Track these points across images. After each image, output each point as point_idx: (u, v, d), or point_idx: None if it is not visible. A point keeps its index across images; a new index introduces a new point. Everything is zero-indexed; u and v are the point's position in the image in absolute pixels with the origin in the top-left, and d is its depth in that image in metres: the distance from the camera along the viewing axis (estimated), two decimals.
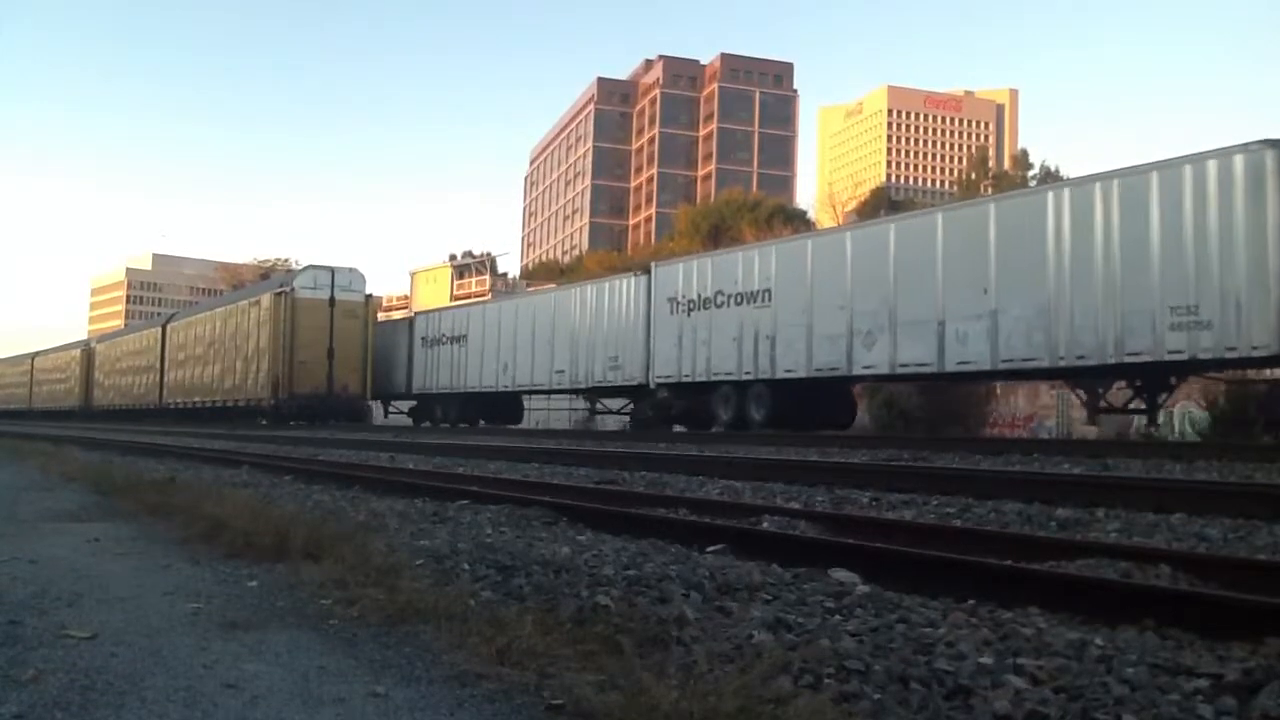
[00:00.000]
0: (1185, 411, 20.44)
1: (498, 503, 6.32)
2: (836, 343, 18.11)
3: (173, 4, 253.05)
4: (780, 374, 19.25)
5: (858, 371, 18.02)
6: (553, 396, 30.54)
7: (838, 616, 3.09)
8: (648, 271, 23.60)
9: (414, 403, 33.61)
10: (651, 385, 22.73)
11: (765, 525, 5.25)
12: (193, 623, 3.26)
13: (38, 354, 59.53)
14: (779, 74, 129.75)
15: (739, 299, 20.37)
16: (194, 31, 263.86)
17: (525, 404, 31.77)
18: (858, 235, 18.60)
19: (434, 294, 70.68)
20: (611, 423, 27.52)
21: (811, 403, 19.54)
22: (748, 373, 19.94)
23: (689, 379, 21.51)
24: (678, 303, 21.94)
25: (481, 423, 30.29)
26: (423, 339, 32.23)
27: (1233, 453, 10.02)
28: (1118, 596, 3.16)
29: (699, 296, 21.49)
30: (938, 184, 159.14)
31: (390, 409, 35.37)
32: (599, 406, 27.41)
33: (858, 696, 2.30)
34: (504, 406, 30.54)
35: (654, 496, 6.84)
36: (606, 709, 2.20)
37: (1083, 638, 2.71)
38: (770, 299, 19.65)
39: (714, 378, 20.79)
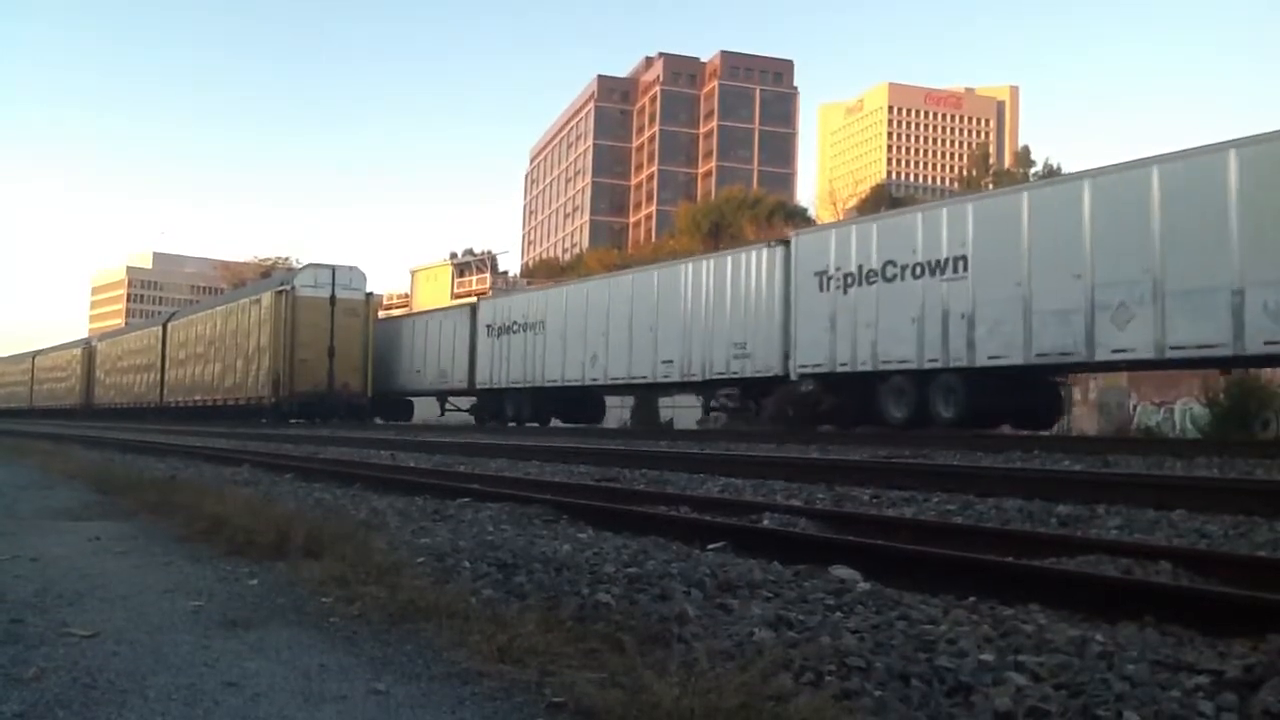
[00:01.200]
0: (1186, 408, 20.45)
1: (499, 501, 6.33)
2: (1069, 321, 14.29)
3: (173, 4, 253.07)
4: (982, 361, 15.48)
5: (1105, 357, 14.21)
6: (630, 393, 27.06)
7: (839, 614, 3.09)
8: (785, 242, 19.77)
9: (475, 399, 30.48)
10: (793, 376, 18.76)
11: (766, 523, 5.26)
12: (194, 620, 3.26)
13: (39, 353, 59.57)
14: (779, 71, 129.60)
15: (919, 270, 16.45)
16: (195, 31, 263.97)
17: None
18: (1100, 184, 14.35)
19: (434, 292, 70.67)
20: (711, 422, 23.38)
21: (1013, 395, 16.09)
22: (932, 360, 16.15)
23: (845, 368, 17.64)
24: (829, 277, 18.01)
25: (555, 422, 27.20)
26: (488, 327, 28.58)
27: (1233, 449, 10.02)
28: (1118, 593, 3.17)
29: (859, 269, 17.48)
30: (939, 181, 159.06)
31: (447, 406, 32.29)
32: (715, 402, 22.35)
33: (859, 694, 2.30)
34: (583, 403, 27.20)
35: (655, 494, 6.85)
36: (608, 707, 2.20)
37: (1084, 634, 2.71)
38: (965, 268, 15.76)
39: (882, 367, 17.03)
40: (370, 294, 33.37)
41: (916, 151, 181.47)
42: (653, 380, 22.85)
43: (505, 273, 78.35)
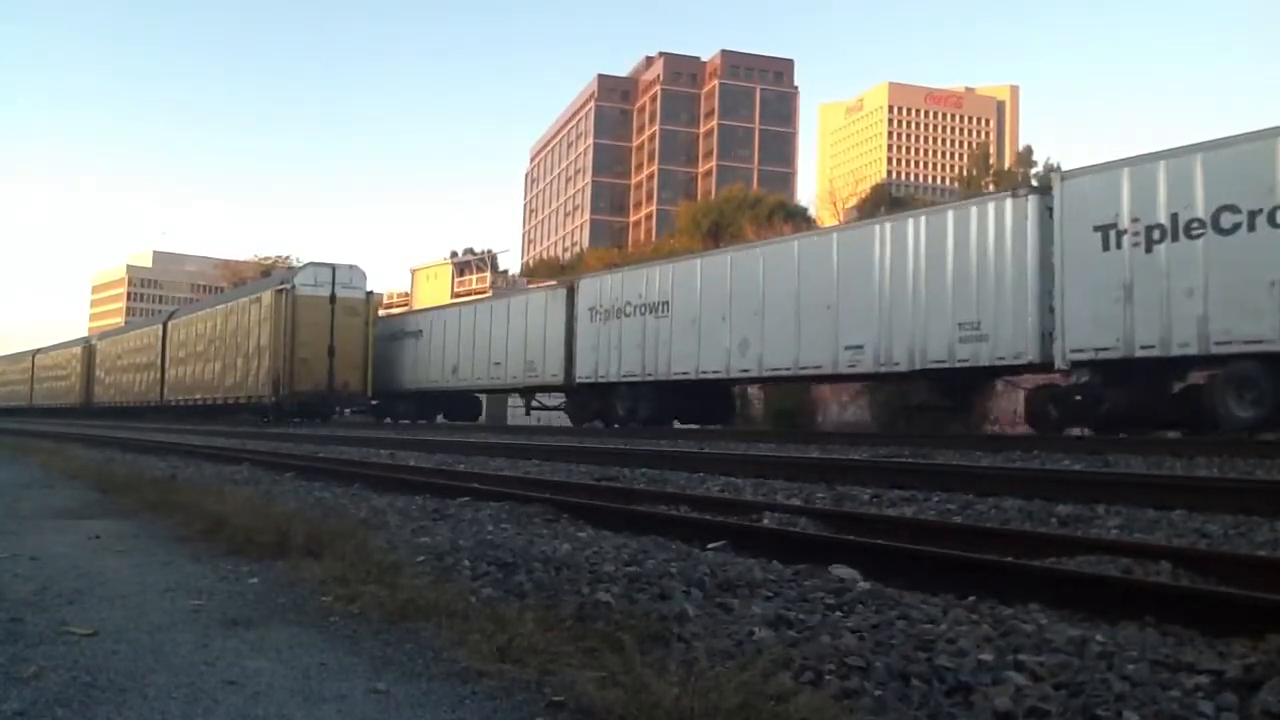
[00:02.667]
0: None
1: (498, 500, 6.33)
2: None
3: (174, 3, 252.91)
4: None
5: None
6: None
7: (838, 613, 3.09)
8: (1040, 189, 15.65)
9: (571, 395, 26.13)
10: (1059, 364, 14.47)
11: (766, 522, 5.26)
12: (194, 620, 3.26)
13: (39, 351, 59.56)
14: (779, 71, 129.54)
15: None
16: (195, 30, 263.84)
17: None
18: None
19: (434, 291, 70.64)
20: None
21: None
22: None
23: (1150, 352, 13.29)
24: (1119, 231, 13.71)
25: (676, 423, 23.08)
26: (591, 310, 24.25)
27: (1233, 449, 10.01)
28: (1118, 593, 3.17)
29: (1174, 219, 13.13)
30: (939, 180, 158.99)
31: (534, 403, 28.50)
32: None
33: (859, 693, 2.30)
34: (716, 400, 23.12)
35: (655, 493, 6.84)
36: (607, 706, 2.20)
37: (1083, 634, 2.71)
38: None
39: (1219, 349, 12.67)
40: (370, 293, 33.36)
41: (917, 151, 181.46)
42: (833, 371, 18.16)
43: (505, 271, 78.38)
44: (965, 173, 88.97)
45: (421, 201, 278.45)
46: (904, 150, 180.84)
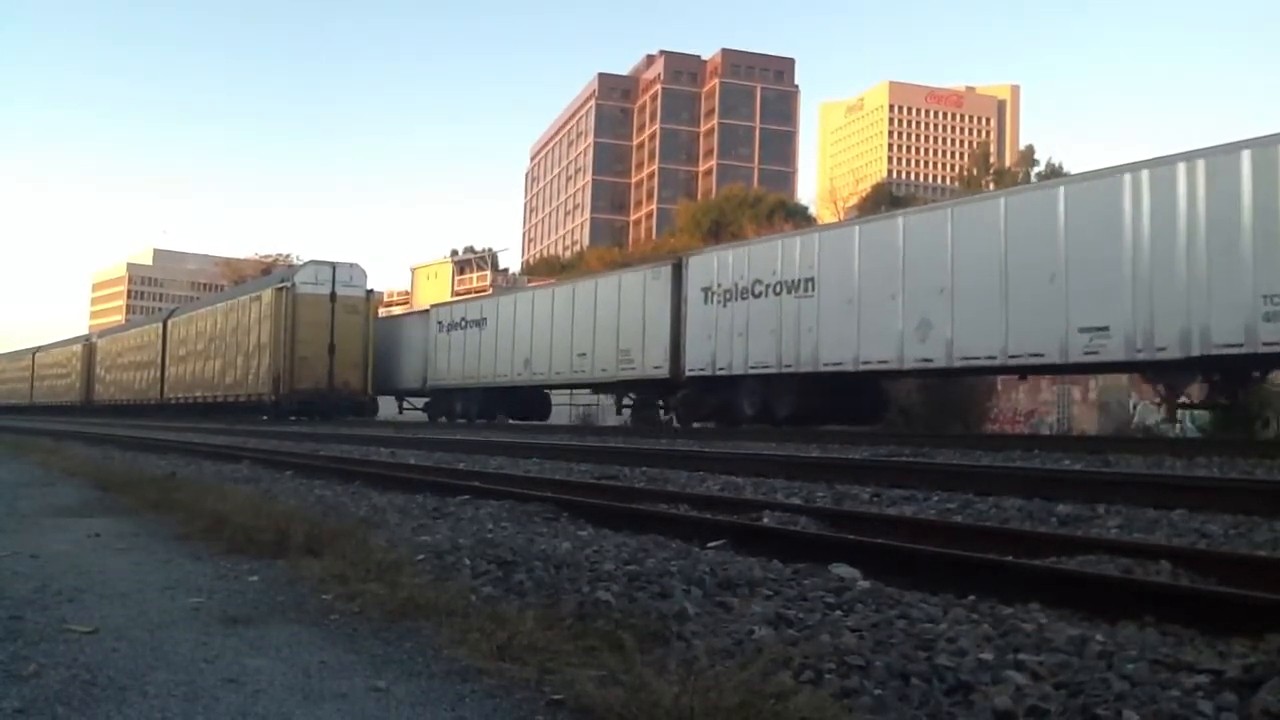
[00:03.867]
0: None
1: (499, 498, 6.32)
2: None
3: (174, 2, 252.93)
4: None
5: None
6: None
7: (838, 612, 3.09)
8: None
9: (681, 390, 21.88)
10: None
11: (766, 521, 5.25)
12: (194, 618, 3.27)
13: (39, 349, 59.57)
14: (780, 70, 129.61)
15: None
16: (195, 28, 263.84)
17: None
18: None
19: (435, 289, 70.66)
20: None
21: None
22: None
23: None
24: None
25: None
26: (706, 291, 20.50)
27: (1233, 449, 10.01)
28: (1118, 592, 3.17)
29: None
30: (939, 180, 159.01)
31: (626, 400, 24.62)
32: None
33: (858, 692, 2.30)
34: (861, 395, 19.50)
35: (655, 492, 6.84)
36: (607, 704, 2.20)
37: (1083, 634, 2.71)
38: None
39: None
40: (371, 291, 33.34)
41: (917, 150, 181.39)
42: (1062, 359, 14.37)
43: (506, 270, 78.47)
44: (965, 172, 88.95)
45: (422, 200, 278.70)
46: (904, 149, 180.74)
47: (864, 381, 18.56)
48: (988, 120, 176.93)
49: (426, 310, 34.58)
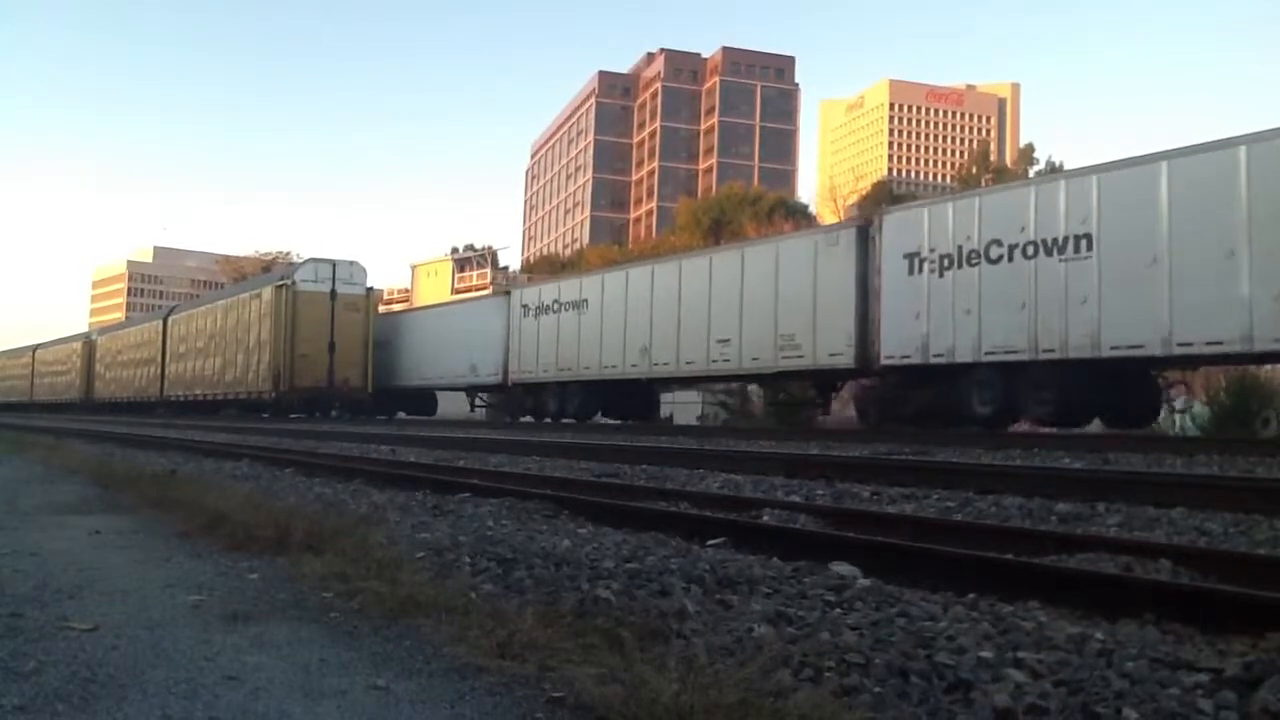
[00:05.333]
0: (1187, 405, 20.27)
1: (499, 496, 6.33)
2: None
3: (174, 1, 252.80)
4: None
5: None
6: None
7: (838, 610, 3.09)
8: None
9: (872, 379, 18.06)
10: None
11: (766, 519, 5.26)
12: (194, 615, 3.27)
13: (39, 346, 59.56)
14: (780, 68, 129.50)
15: None
16: (196, 26, 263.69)
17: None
18: None
19: (435, 287, 70.61)
20: None
21: None
22: None
23: None
24: None
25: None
26: (911, 259, 16.10)
27: (1233, 447, 10.01)
28: (1118, 591, 3.17)
29: None
30: (939, 178, 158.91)
31: (833, 395, 19.98)
32: None
33: (858, 690, 2.30)
34: (1131, 387, 14.72)
35: (655, 490, 6.84)
36: (607, 702, 2.20)
37: (1083, 632, 2.71)
38: None
39: None
40: (371, 289, 33.34)
41: (917, 148, 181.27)
42: None
43: (506, 268, 78.42)
44: (965, 170, 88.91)
45: (422, 198, 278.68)
46: (905, 148, 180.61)
47: (1141, 370, 14.45)
48: (988, 119, 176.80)
49: (506, 292, 29.51)
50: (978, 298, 15.11)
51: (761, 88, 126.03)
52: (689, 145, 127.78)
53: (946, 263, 15.65)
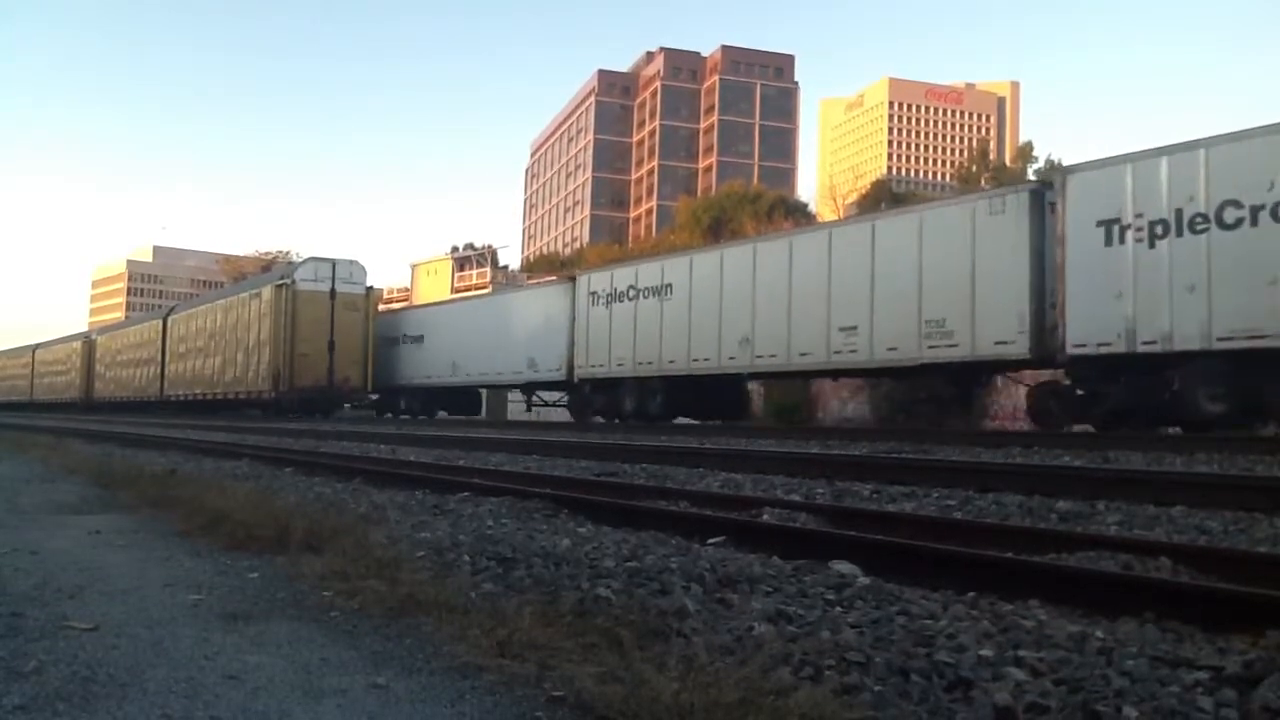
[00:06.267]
0: None
1: (498, 495, 6.33)
2: None
3: (175, 1, 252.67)
4: None
5: None
6: None
7: (838, 608, 3.09)
8: None
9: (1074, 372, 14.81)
10: None
11: (766, 518, 5.25)
12: (194, 614, 3.27)
13: (39, 346, 59.56)
14: (780, 66, 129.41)
15: None
16: (196, 25, 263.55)
17: None
18: None
19: (435, 286, 70.62)
20: None
21: None
22: None
23: None
24: None
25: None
26: (1108, 226, 13.64)
27: (1233, 446, 10.01)
28: (1118, 589, 3.17)
29: None
30: (939, 177, 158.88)
31: (977, 391, 18.16)
32: None
33: (858, 688, 2.30)
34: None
35: (655, 489, 6.84)
36: (607, 701, 2.20)
37: (1083, 630, 2.71)
38: None
39: None
40: (370, 288, 33.33)
41: (917, 147, 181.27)
42: None
43: (505, 267, 78.44)
44: (964, 169, 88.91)
45: (422, 197, 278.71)
46: (905, 146, 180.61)
47: None
48: (988, 117, 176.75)
49: (570, 278, 26.00)
50: (1206, 272, 12.62)
51: (761, 86, 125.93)
52: (689, 144, 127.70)
53: (1159, 230, 13.11)
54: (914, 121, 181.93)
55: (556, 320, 25.01)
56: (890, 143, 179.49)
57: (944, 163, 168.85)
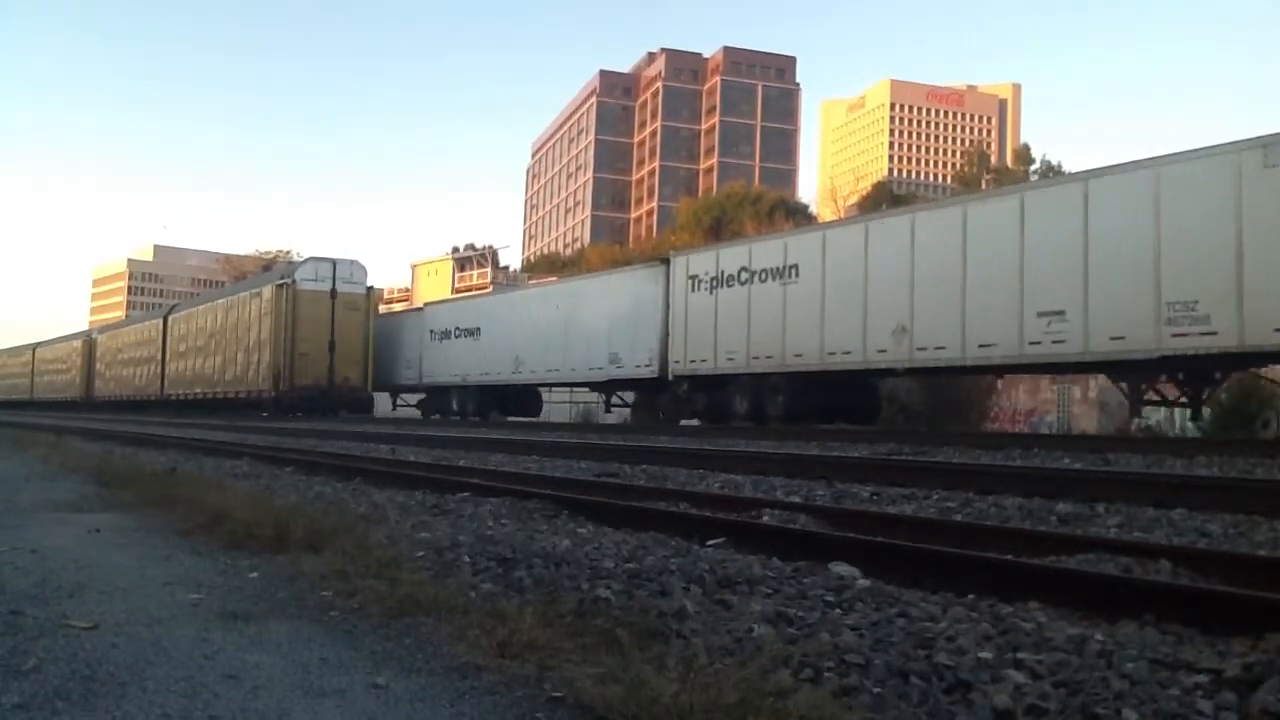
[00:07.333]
0: None
1: (499, 495, 6.33)
2: None
3: (175, 0, 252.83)
4: None
5: None
6: None
7: (838, 610, 3.09)
8: None
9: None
10: None
11: (766, 519, 5.25)
12: (194, 613, 3.27)
13: (39, 345, 59.57)
14: (781, 67, 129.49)
15: None
16: (197, 25, 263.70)
17: None
18: None
19: (435, 286, 70.64)
20: None
21: None
22: None
23: None
24: None
25: None
26: None
27: (1233, 448, 10.01)
28: (1118, 591, 3.17)
29: None
30: (940, 178, 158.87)
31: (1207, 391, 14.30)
32: None
33: (858, 690, 2.30)
34: None
35: (654, 490, 6.84)
36: (607, 701, 2.20)
37: (1083, 632, 2.71)
38: None
39: None
40: (371, 288, 33.31)
41: (918, 149, 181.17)
42: None
43: (506, 267, 78.48)
44: (964, 171, 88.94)
45: (422, 197, 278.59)
46: (905, 148, 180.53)
47: None
48: (989, 119, 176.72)
49: (664, 260, 22.54)
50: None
51: (762, 87, 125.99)
52: (690, 145, 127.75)
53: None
54: (915, 123, 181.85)
55: (645, 309, 21.76)
56: (891, 144, 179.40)
57: (945, 164, 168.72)
